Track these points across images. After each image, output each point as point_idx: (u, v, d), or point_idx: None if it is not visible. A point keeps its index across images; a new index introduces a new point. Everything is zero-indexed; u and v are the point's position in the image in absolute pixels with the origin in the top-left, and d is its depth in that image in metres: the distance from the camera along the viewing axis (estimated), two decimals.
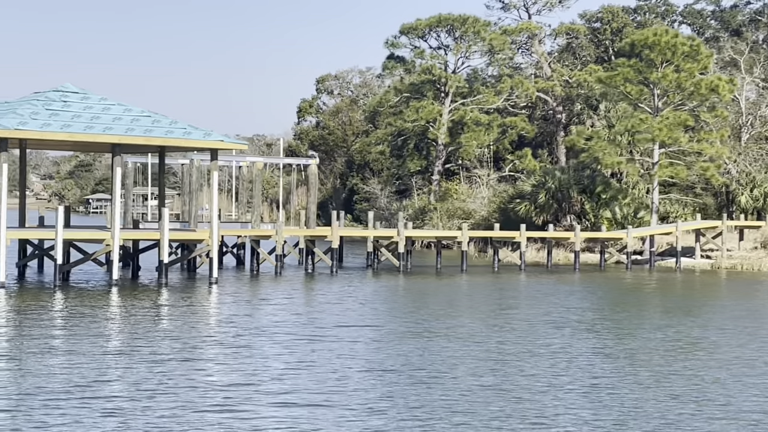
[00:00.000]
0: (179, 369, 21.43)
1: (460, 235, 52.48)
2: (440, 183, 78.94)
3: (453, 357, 23.56)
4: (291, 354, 23.66)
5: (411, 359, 23.08)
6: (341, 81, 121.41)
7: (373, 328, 28.57)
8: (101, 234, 39.58)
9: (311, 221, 50.45)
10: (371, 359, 23.11)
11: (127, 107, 40.03)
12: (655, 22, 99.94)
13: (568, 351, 24.88)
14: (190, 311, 32.47)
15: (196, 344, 24.94)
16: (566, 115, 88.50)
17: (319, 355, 23.51)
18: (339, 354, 23.79)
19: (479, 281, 46.60)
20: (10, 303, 33.07)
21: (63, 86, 40.37)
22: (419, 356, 23.55)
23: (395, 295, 40.39)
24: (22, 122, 36.48)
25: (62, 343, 24.48)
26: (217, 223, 40.75)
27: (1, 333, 26.17)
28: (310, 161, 50.94)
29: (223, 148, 40.78)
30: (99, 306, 33.10)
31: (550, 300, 38.07)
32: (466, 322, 30.70)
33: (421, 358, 23.22)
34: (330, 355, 23.55)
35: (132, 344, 24.64)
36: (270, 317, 30.99)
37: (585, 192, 66.18)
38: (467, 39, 77.47)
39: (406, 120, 76.00)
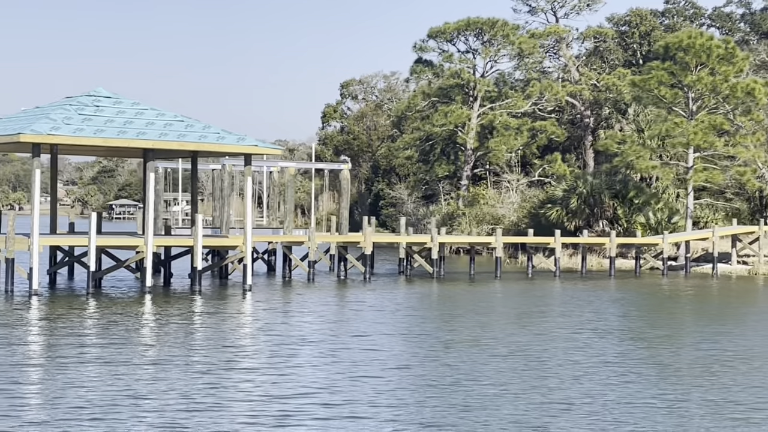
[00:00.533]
0: (227, 380, 20.78)
1: (493, 240, 51.70)
2: (469, 188, 78.13)
3: (504, 368, 22.81)
4: (338, 363, 22.97)
5: (463, 370, 22.35)
6: (366, 86, 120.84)
7: (418, 337, 27.84)
8: (134, 240, 39.00)
9: (343, 227, 49.75)
10: (422, 371, 22.38)
11: (160, 112, 39.47)
12: (683, 26, 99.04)
13: (622, 362, 24.10)
14: (227, 319, 31.84)
15: (240, 353, 24.28)
16: (594, 119, 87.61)
17: (367, 365, 22.80)
18: (387, 364, 23.08)
19: (515, 288, 45.80)
20: (45, 311, 32.51)
21: (95, 91, 39.84)
22: (471, 368, 22.81)
23: (433, 302, 39.64)
24: (55, 127, 35.95)
25: (103, 353, 23.85)
26: (251, 230, 40.09)
27: (40, 342, 25.60)
28: (341, 166, 50.25)
29: (257, 153, 40.16)
30: (134, 314, 32.51)
31: (590, 308, 37.26)
32: (512, 330, 29.93)
33: (473, 370, 22.49)
34: (378, 365, 22.85)
35: (174, 353, 24.00)
36: (310, 325, 30.33)
37: (617, 197, 65.33)
38: (496, 43, 76.69)
39: (435, 124, 75.25)
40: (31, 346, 25.05)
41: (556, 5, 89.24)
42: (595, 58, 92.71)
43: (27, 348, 24.63)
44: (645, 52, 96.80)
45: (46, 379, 20.30)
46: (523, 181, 76.61)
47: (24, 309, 32.97)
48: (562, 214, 65.05)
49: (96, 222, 37.37)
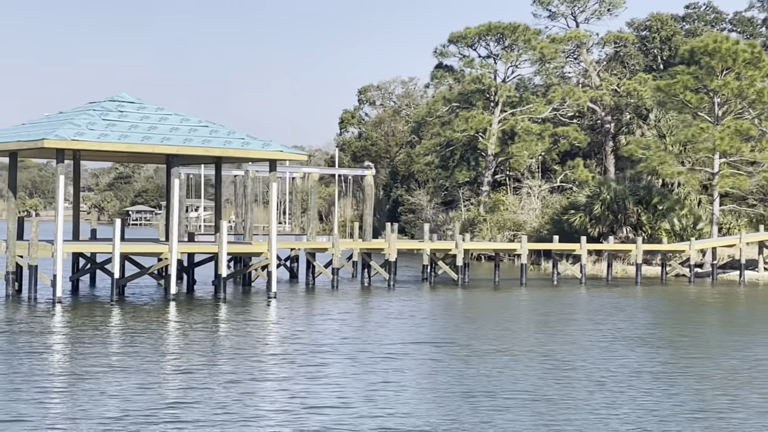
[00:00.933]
0: (261, 390, 20.29)
1: (519, 247, 51.11)
2: (489, 194, 77.54)
3: (541, 377, 22.27)
4: (372, 373, 22.44)
5: (502, 381, 21.81)
6: (383, 91, 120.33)
7: (450, 346, 27.28)
8: (158, 247, 38.56)
9: (367, 233, 49.23)
10: (459, 381, 21.84)
11: (184, 117, 39.05)
12: (704, 30, 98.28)
13: (660, 371, 23.52)
14: (255, 327, 31.36)
15: (271, 363, 23.78)
16: (614, 124, 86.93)
17: (402, 374, 22.28)
18: (422, 374, 22.55)
19: (541, 295, 45.20)
20: (70, 319, 32.08)
21: (119, 96, 39.43)
22: (510, 378, 22.27)
23: (461, 310, 39.08)
24: (79, 133, 35.55)
25: (133, 362, 23.38)
26: (276, 236, 39.62)
27: (68, 351, 25.14)
28: (365, 172, 49.74)
29: (283, 158, 39.70)
30: (160, 322, 32.06)
31: (621, 315, 36.66)
32: (543, 339, 29.37)
33: (512, 380, 21.94)
34: (413, 375, 22.34)
35: (205, 362, 23.52)
36: (338, 333, 29.81)
37: (641, 203, 64.66)
38: (517, 48, 76.12)
39: (456, 130, 74.67)
40: (59, 355, 24.61)
41: (576, 10, 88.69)
42: (615, 63, 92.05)
43: (56, 357, 24.19)
44: (666, 57, 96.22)
45: (79, 390, 19.83)
46: (545, 187, 75.95)
47: (48, 317, 32.56)
48: (585, 221, 64.40)
49: (120, 229, 36.93)
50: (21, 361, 23.23)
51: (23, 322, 30.94)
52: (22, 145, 35.87)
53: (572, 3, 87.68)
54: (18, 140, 36.16)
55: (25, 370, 21.99)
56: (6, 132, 38.93)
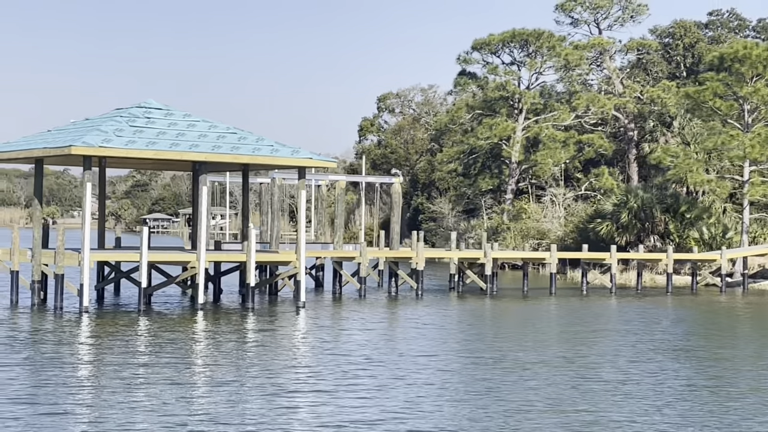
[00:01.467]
0: (303, 402, 19.61)
1: (548, 256, 50.32)
2: (513, 202, 76.74)
3: (588, 389, 21.53)
4: (413, 385, 21.72)
5: (548, 394, 21.07)
6: (403, 99, 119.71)
7: (488, 357, 26.52)
8: (186, 256, 37.92)
9: (395, 242, 48.50)
10: (501, 392, 21.10)
11: (212, 124, 38.44)
12: (728, 37, 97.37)
13: (714, 386, 22.74)
14: (286, 338, 30.68)
15: (307, 374, 23.07)
16: (637, 132, 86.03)
17: (449, 387, 21.56)
18: (468, 386, 21.82)
19: (572, 305, 44.40)
20: (97, 329, 31.45)
21: (146, 102, 38.88)
22: (556, 391, 21.53)
23: (493, 320, 38.32)
24: (107, 139, 34.97)
25: (166, 373, 22.71)
26: (305, 245, 38.95)
27: (98, 362, 24.46)
28: (393, 180, 49.04)
29: (312, 166, 39.05)
30: (190, 332, 31.42)
31: (657, 326, 35.88)
32: (582, 350, 28.59)
33: (557, 393, 21.20)
34: (460, 387, 21.61)
35: (240, 374, 22.84)
36: (372, 344, 29.09)
37: (668, 211, 63.82)
38: (541, 54, 75.36)
39: (479, 137, 73.90)
40: (89, 366, 23.95)
41: (599, 17, 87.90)
42: (638, 71, 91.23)
43: (85, 368, 23.54)
44: (689, 65, 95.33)
45: (113, 402, 19.17)
46: (569, 195, 75.10)
47: (76, 327, 31.95)
48: (612, 229, 63.58)
49: (147, 237, 36.32)
50: (50, 372, 22.62)
51: (51, 332, 30.34)
52: (48, 152, 35.31)
53: (595, 10, 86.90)
54: (44, 147, 35.59)
55: (54, 381, 21.36)
56: (32, 139, 38.40)
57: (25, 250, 38.60)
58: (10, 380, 21.49)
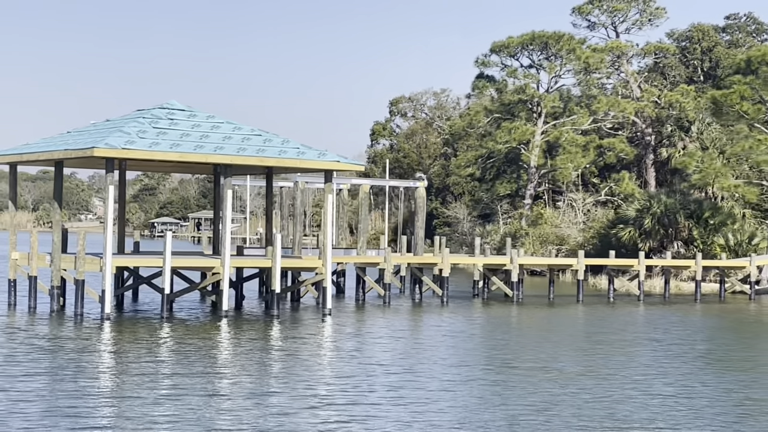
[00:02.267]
0: (358, 417, 18.50)
1: (575, 262, 49.20)
2: (532, 207, 75.58)
3: (644, 404, 20.43)
4: (466, 398, 20.63)
5: (603, 406, 19.98)
6: (415, 103, 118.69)
7: (536, 369, 25.41)
8: (210, 261, 36.83)
9: (419, 248, 47.41)
10: (564, 407, 20.01)
11: (237, 125, 37.39)
12: (746, 41, 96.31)
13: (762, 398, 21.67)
14: (317, 347, 29.58)
15: (354, 387, 21.97)
16: (655, 137, 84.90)
17: (500, 401, 20.46)
18: (521, 399, 20.72)
19: (602, 313, 43.27)
20: (121, 337, 30.37)
21: (168, 103, 37.84)
22: (608, 404, 20.43)
23: (525, 329, 37.17)
24: (130, 141, 33.92)
25: (199, 384, 21.63)
26: (331, 251, 37.87)
27: (126, 372, 23.34)
28: (417, 184, 47.95)
29: (339, 169, 38.00)
30: (216, 341, 30.36)
31: (697, 336, 34.78)
32: (624, 361, 27.47)
33: (611, 405, 20.11)
34: (512, 400, 20.50)
35: (283, 386, 21.76)
36: (410, 354, 27.97)
37: (691, 217, 62.67)
38: (561, 57, 74.23)
39: (498, 141, 72.75)
40: (118, 376, 22.84)
41: (617, 20, 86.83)
42: (655, 75, 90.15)
43: (115, 379, 22.44)
44: (707, 69, 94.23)
45: (152, 415, 18.10)
46: (589, 200, 73.93)
47: (98, 334, 30.89)
48: (634, 235, 62.41)
49: (170, 242, 35.25)
50: (73, 382, 21.57)
51: (73, 340, 29.28)
52: (69, 154, 34.26)
53: (613, 13, 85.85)
54: (65, 149, 34.56)
55: (78, 392, 20.30)
56: (51, 141, 37.38)
57: (43, 254, 37.56)
58: (34, 391, 20.42)
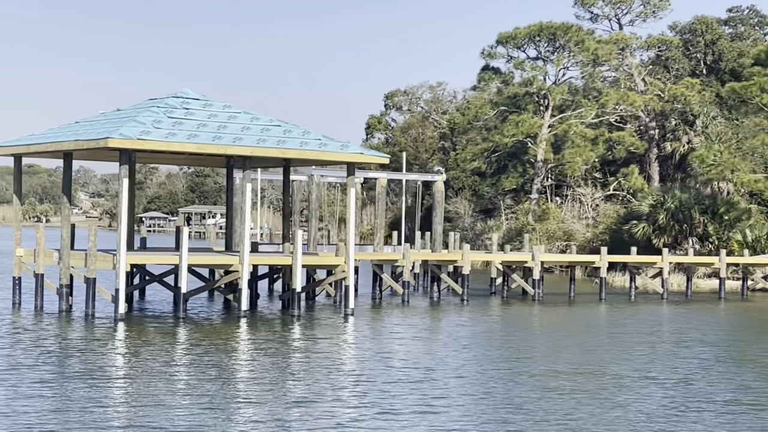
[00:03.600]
0: (412, 424, 16.79)
1: (598, 260, 47.52)
2: (539, 202, 73.81)
3: (700, 409, 18.77)
4: (517, 406, 18.91)
5: (665, 413, 18.29)
6: (411, 96, 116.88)
7: (586, 371, 23.66)
8: (228, 258, 34.94)
9: (437, 244, 45.61)
10: (632, 410, 18.31)
11: (254, 115, 35.51)
12: (750, 34, 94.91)
13: None
14: (346, 349, 27.82)
15: (400, 393, 20.20)
16: (658, 131, 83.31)
17: (559, 405, 18.75)
18: (584, 404, 19.01)
19: (628, 312, 41.60)
20: (138, 339, 28.51)
21: (183, 92, 35.93)
22: (672, 409, 18.75)
23: (553, 329, 35.29)
24: (145, 131, 32.00)
25: (230, 391, 19.89)
26: (354, 248, 36.04)
27: (150, 379, 21.47)
28: (435, 177, 46.12)
29: (363, 161, 36.22)
30: (242, 343, 28.56)
31: (736, 337, 33.16)
32: (671, 363, 25.78)
33: (670, 411, 18.43)
34: (573, 405, 18.79)
35: (323, 392, 20.04)
36: (447, 357, 26.17)
37: (705, 212, 61.10)
38: (569, 49, 72.46)
39: (505, 135, 70.89)
40: (139, 382, 20.94)
41: (620, 12, 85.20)
42: (658, 68, 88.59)
43: (137, 385, 20.54)
44: (709, 62, 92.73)
45: (193, 425, 16.33)
46: (598, 195, 72.19)
47: (114, 336, 29.03)
48: (648, 231, 60.81)
49: (187, 239, 33.36)
50: (91, 389, 19.85)
51: (85, 342, 27.49)
52: (80, 145, 32.31)
53: (616, 5, 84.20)
54: (76, 139, 32.60)
55: (98, 400, 18.51)
56: (59, 131, 35.39)
57: (50, 251, 35.64)
58: (48, 400, 18.57)
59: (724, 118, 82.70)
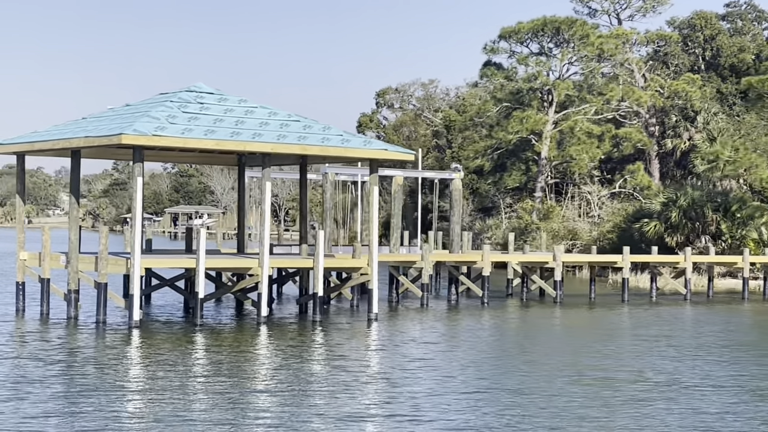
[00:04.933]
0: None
1: (620, 260, 45.87)
2: (543, 200, 72.10)
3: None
4: (584, 420, 17.23)
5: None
6: (402, 94, 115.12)
7: (658, 380, 21.94)
8: (246, 261, 33.05)
9: (455, 244, 43.86)
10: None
11: (272, 110, 33.63)
12: (751, 29, 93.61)
13: None
14: (386, 359, 25.95)
15: (441, 406, 18.44)
16: (659, 127, 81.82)
17: (631, 419, 17.07)
18: (622, 412, 17.34)
19: (656, 314, 39.98)
20: (156, 349, 26.60)
21: (196, 86, 34.01)
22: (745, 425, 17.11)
23: (588, 332, 33.56)
24: (160, 127, 30.10)
25: (286, 407, 18.04)
26: (377, 249, 34.21)
27: (191, 393, 19.64)
28: (453, 175, 44.35)
29: (387, 158, 34.40)
30: (267, 352, 26.71)
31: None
32: (721, 368, 24.13)
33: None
34: (647, 418, 17.12)
35: (365, 406, 18.20)
36: (489, 366, 24.36)
37: (717, 210, 59.58)
38: (574, 43, 70.77)
39: (510, 131, 69.08)
40: (165, 399, 19.05)
41: (619, 7, 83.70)
42: (657, 63, 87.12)
43: (163, 403, 18.64)
44: (708, 58, 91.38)
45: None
46: (604, 193, 70.56)
47: (129, 345, 27.16)
48: (660, 229, 59.22)
49: (204, 241, 31.46)
50: (112, 404, 18.00)
51: (100, 351, 25.60)
52: (91, 142, 30.37)
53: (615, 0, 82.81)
54: (86, 136, 30.65)
55: (120, 418, 16.66)
56: (66, 128, 33.40)
57: (56, 254, 33.68)
58: (64, 418, 16.71)
59: (725, 114, 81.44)
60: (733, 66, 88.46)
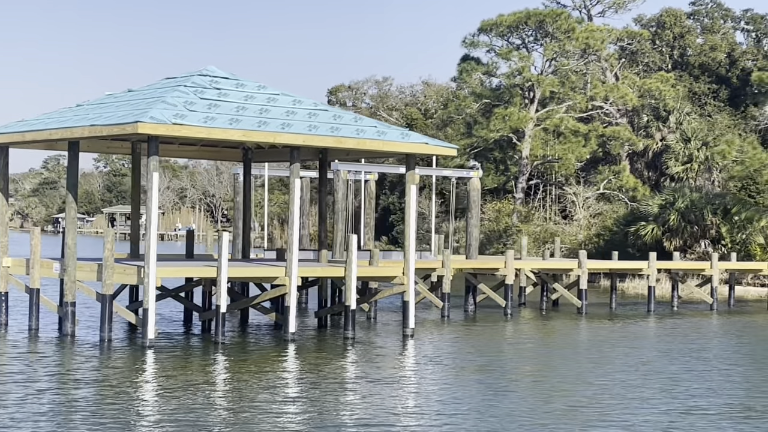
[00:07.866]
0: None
1: (645, 267, 42.53)
2: (524, 202, 68.75)
3: None
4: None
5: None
6: (355, 92, 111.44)
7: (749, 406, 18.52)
8: (273, 271, 28.87)
9: (473, 249, 40.14)
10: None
11: (296, 98, 29.60)
12: (722, 28, 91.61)
13: None
14: (443, 382, 22.11)
15: None
16: (630, 127, 79.04)
17: None
18: None
19: (690, 325, 36.75)
20: (183, 373, 22.46)
21: (208, 69, 29.83)
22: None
23: (632, 347, 30.02)
24: (179, 114, 25.88)
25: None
26: (413, 256, 30.32)
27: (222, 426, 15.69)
28: (471, 174, 40.59)
29: (427, 153, 30.63)
30: (306, 377, 22.64)
31: None
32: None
33: None
34: None
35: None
36: (557, 389, 20.71)
37: (716, 213, 56.80)
38: (557, 38, 67.52)
39: (491, 129, 65.54)
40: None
41: (591, 3, 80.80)
42: (626, 61, 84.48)
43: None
44: (677, 56, 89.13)
45: None
46: (590, 194, 67.43)
47: (145, 369, 22.99)
48: (657, 233, 56.25)
49: (226, 247, 27.31)
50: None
51: (112, 377, 21.39)
52: (98, 131, 26.04)
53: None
54: (91, 125, 26.29)
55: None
56: (61, 116, 28.91)
57: (48, 261, 29.27)
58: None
59: (697, 114, 79.11)
60: (703, 65, 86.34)
